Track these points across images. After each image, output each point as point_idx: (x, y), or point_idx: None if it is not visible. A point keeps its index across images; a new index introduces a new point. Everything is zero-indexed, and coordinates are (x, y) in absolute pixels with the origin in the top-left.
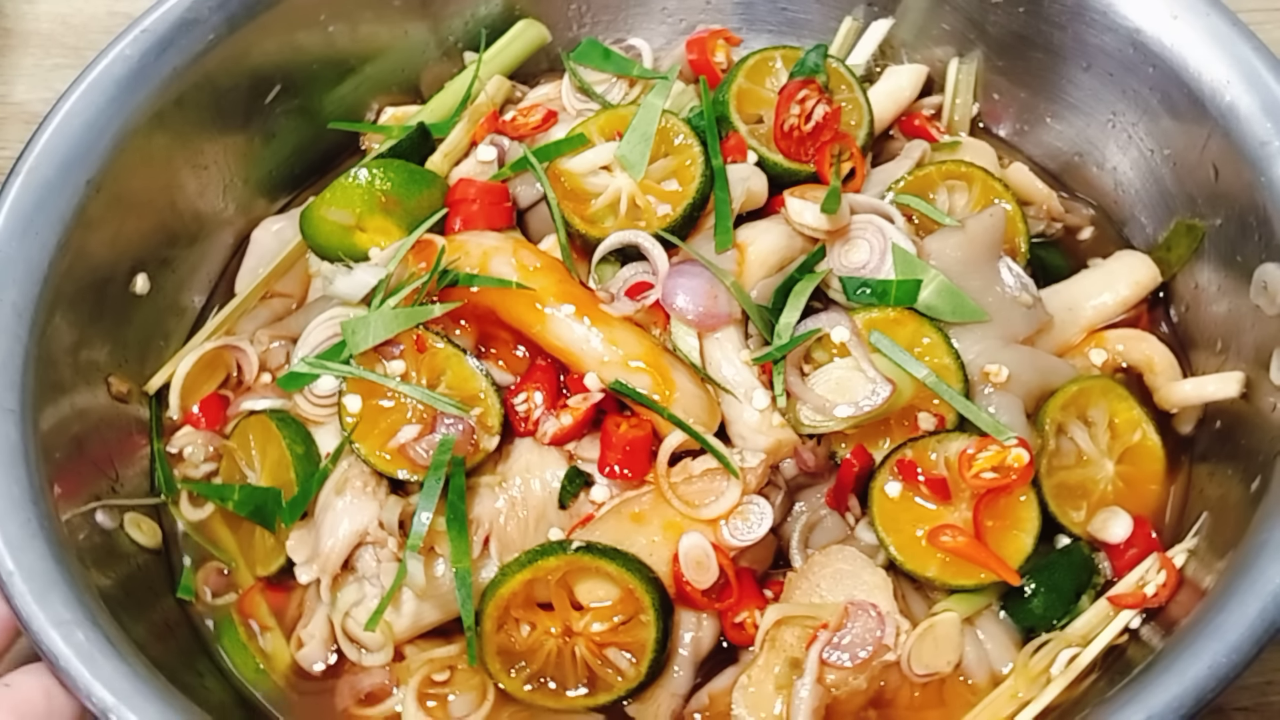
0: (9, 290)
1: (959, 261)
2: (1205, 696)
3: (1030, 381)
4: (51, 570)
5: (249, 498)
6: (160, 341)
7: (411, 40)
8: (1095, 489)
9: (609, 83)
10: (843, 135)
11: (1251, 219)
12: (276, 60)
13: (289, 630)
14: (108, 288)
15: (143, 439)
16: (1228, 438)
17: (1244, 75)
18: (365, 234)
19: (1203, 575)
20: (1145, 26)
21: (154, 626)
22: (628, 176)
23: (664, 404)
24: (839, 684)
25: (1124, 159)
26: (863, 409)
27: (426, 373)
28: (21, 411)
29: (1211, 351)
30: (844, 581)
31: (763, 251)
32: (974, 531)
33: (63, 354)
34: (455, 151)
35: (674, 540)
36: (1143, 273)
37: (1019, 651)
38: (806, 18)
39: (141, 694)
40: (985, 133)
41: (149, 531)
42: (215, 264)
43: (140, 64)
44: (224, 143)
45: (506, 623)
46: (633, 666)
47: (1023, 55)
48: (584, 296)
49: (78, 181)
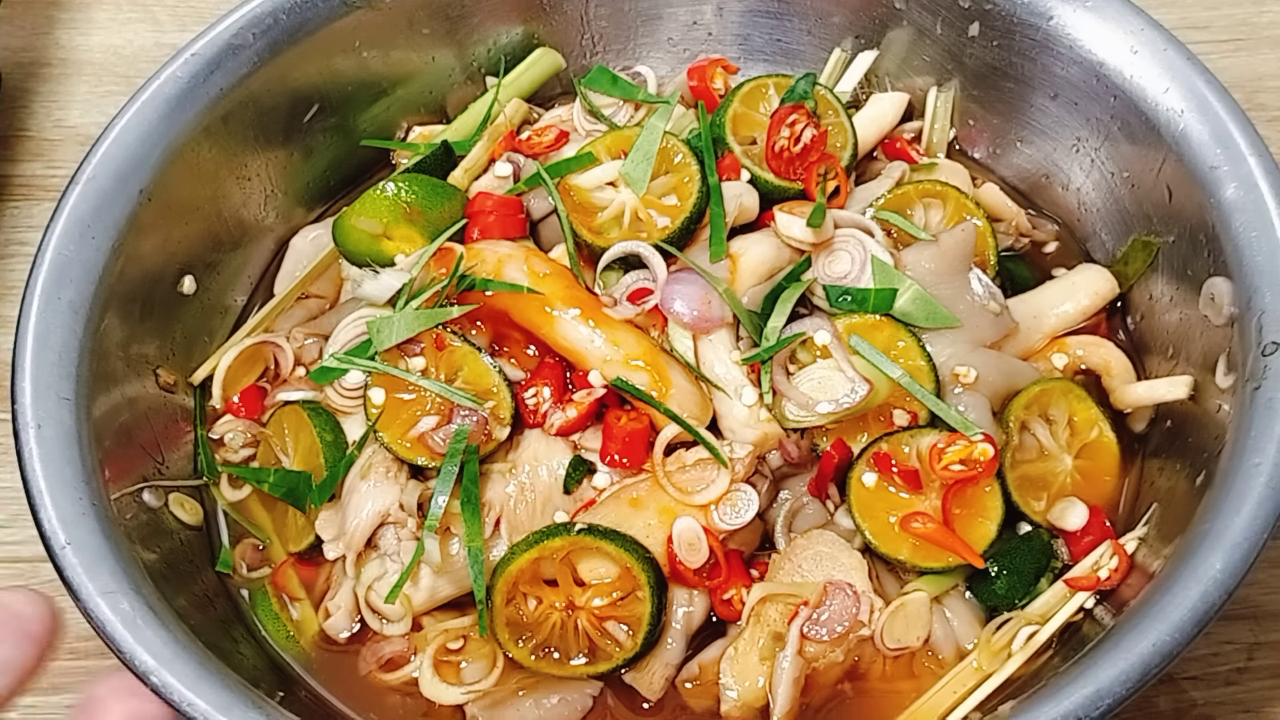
0: (67, 290)
1: (932, 272)
2: (1150, 671)
3: (996, 382)
4: (101, 545)
5: (283, 480)
6: (205, 337)
7: (438, 66)
8: (1055, 481)
9: (616, 106)
10: (829, 156)
11: (1201, 236)
12: (315, 82)
13: (317, 602)
14: (157, 288)
15: (187, 426)
16: (1176, 435)
17: (1196, 106)
18: (392, 242)
19: (1151, 561)
20: (1108, 60)
21: (195, 597)
22: (631, 192)
23: (661, 399)
24: (817, 656)
25: (1087, 180)
26: (842, 406)
27: (445, 369)
28: (76, 400)
29: (1163, 357)
30: (823, 563)
31: (753, 261)
32: (943, 519)
33: (115, 348)
34: (475, 167)
35: (668, 524)
36: (1102, 284)
37: (983, 629)
38: (799, 49)
39: (180, 658)
40: (961, 155)
41: (191, 510)
42: (256, 267)
43: (190, 84)
44: (266, 157)
45: (515, 597)
46: (630, 638)
47: (996, 85)
48: (589, 301)
49: (131, 191)
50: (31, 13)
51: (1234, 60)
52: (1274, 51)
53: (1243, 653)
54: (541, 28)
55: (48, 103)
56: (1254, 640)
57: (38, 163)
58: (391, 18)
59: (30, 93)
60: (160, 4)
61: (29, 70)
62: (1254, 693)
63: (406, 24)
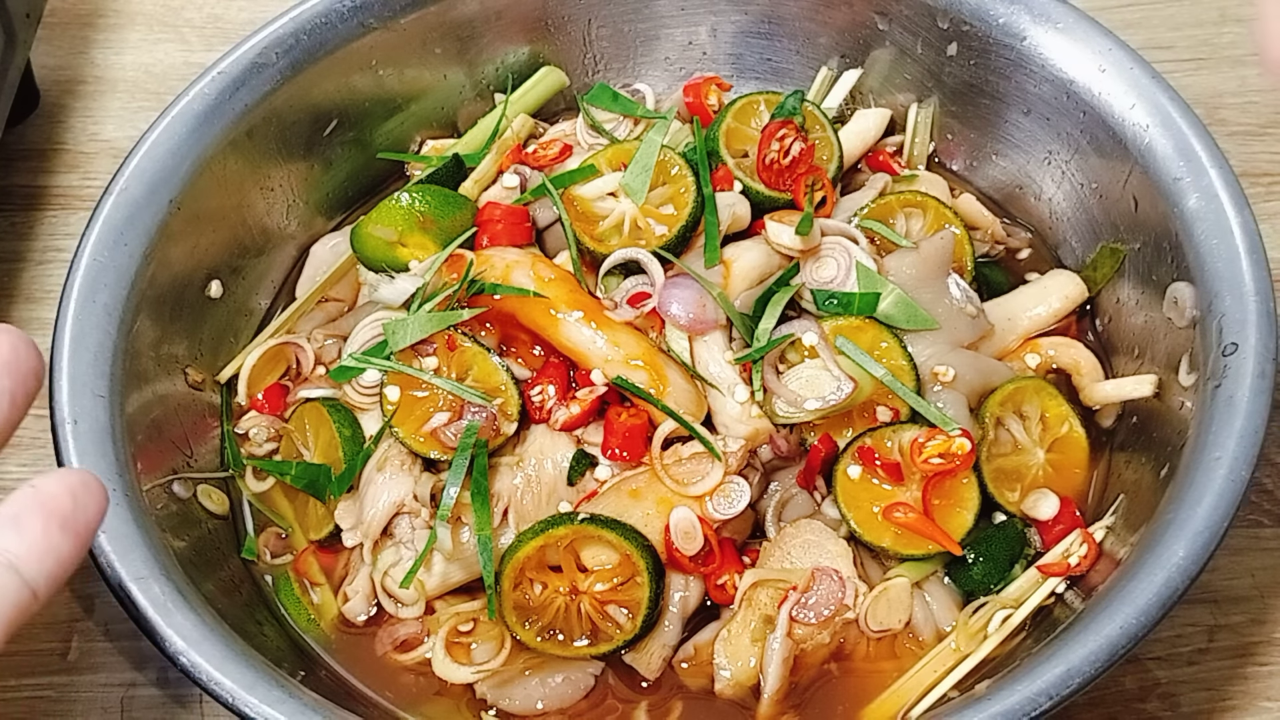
0: (101, 294)
1: (913, 278)
2: (1117, 651)
3: (973, 381)
4: (133, 533)
5: (304, 473)
6: (231, 338)
7: (450, 83)
8: (1028, 473)
9: (617, 121)
10: (816, 168)
11: (1165, 244)
12: (334, 99)
13: (336, 586)
14: (186, 292)
15: (214, 421)
16: (1142, 431)
17: (1161, 121)
18: (406, 249)
19: (1118, 548)
20: (1077, 78)
21: (222, 583)
22: (630, 202)
23: (659, 397)
24: (805, 638)
25: (1058, 191)
26: (829, 403)
27: (456, 368)
28: (110, 397)
29: (1130, 357)
30: (811, 550)
31: (745, 267)
32: (923, 509)
33: (146, 348)
34: (484, 179)
35: (666, 513)
36: (1072, 289)
37: (960, 612)
38: (789, 67)
39: (208, 640)
40: (940, 167)
41: (218, 501)
42: (279, 272)
43: (216, 101)
44: (288, 169)
45: (522, 582)
46: (629, 621)
47: (973, 101)
48: (591, 304)
49: (162, 200)
50: (68, 34)
51: (1196, 78)
52: (1234, 70)
53: (1204, 634)
54: (546, 48)
55: (83, 118)
56: (1214, 623)
57: (74, 174)
58: (406, 38)
59: (67, 108)
60: (189, 25)
61: (66, 87)
62: (1214, 672)
63: (420, 44)
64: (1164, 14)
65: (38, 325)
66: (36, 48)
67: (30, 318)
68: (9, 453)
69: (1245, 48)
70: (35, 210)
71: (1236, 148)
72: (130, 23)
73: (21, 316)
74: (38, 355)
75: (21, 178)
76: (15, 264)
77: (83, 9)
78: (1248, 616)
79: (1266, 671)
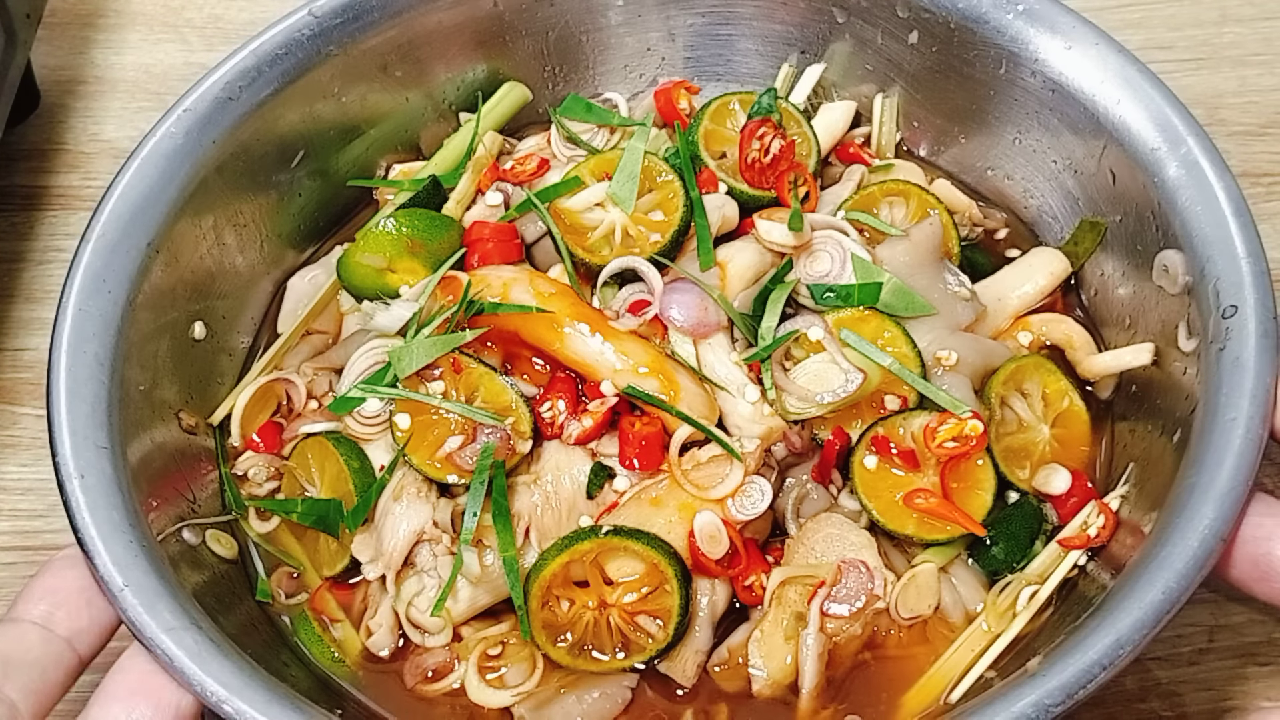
0: (90, 343)
1: (907, 265)
2: (1162, 616)
3: (975, 363)
4: (156, 584)
5: (311, 509)
6: (217, 379)
7: (411, 106)
8: (1036, 450)
9: (591, 131)
10: (797, 164)
11: (1148, 214)
12: (299, 129)
13: (357, 621)
14: (171, 335)
15: (211, 465)
16: (1142, 399)
17: (1133, 93)
18: (395, 274)
19: (1139, 516)
20: (1043, 56)
21: (240, 626)
22: (620, 211)
23: (672, 403)
24: (838, 631)
25: (1031, 169)
26: (839, 395)
27: (464, 390)
28: (112, 447)
29: (1120, 328)
30: (835, 543)
31: (740, 267)
32: (942, 493)
33: (139, 395)
34: (465, 198)
35: (688, 519)
36: (1056, 265)
37: (987, 592)
38: (748, 66)
39: (249, 685)
40: (908, 154)
41: (227, 544)
42: (257, 309)
43: (185, 140)
44: (258, 203)
45: (549, 600)
46: (660, 630)
47: (936, 87)
48: (595, 315)
49: (139, 245)
50: (69, 34)
51: (1196, 78)
52: (1234, 70)
53: (1204, 634)
54: (505, 63)
55: (84, 118)
56: (1215, 623)
57: (74, 174)
58: (366, 63)
59: (67, 109)
60: (190, 25)
61: (66, 88)
62: (1215, 672)
63: (380, 68)
64: (1164, 14)
65: (38, 325)
66: (37, 48)
67: (30, 318)
68: (9, 453)
69: (1245, 48)
70: (35, 210)
71: (1236, 148)
72: (130, 23)
73: (21, 316)
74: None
75: (22, 178)
76: (15, 264)
77: (83, 9)
78: (1248, 616)
79: (1266, 671)
